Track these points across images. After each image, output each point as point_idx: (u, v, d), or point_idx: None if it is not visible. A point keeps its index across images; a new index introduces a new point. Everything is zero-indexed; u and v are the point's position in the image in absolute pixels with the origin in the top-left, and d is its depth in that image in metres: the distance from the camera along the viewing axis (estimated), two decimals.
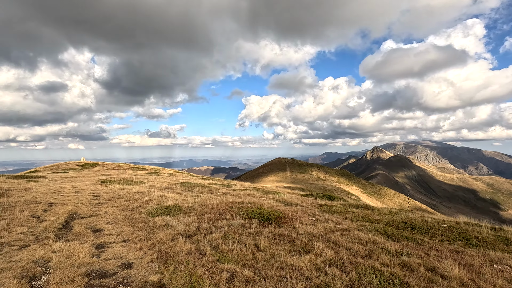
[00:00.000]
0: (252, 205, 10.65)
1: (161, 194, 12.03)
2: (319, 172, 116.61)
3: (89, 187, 14.76)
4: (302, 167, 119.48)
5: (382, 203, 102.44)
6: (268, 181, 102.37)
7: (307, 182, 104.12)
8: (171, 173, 35.59)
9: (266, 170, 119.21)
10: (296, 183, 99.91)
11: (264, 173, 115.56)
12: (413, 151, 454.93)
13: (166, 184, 17.34)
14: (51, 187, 14.04)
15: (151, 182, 18.39)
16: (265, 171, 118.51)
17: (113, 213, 8.54)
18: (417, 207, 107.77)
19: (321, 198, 19.42)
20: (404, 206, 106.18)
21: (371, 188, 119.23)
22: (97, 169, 36.98)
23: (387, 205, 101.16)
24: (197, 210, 9.28)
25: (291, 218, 8.89)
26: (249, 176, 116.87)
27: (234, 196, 14.16)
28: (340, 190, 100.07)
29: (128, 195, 11.88)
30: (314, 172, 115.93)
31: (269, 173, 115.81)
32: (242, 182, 34.02)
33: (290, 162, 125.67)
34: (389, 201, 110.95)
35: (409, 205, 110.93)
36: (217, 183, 22.79)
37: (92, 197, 11.17)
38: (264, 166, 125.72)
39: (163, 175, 29.78)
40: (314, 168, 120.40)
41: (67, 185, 15.36)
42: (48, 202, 9.47)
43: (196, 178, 28.18)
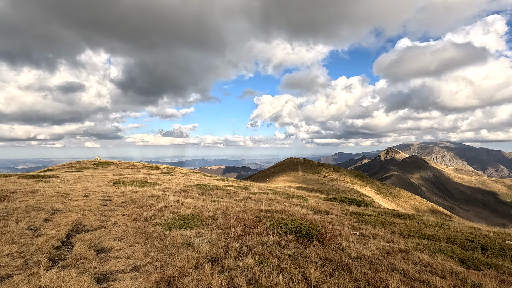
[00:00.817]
0: (281, 215, 9.13)
1: (177, 199, 10.67)
2: (331, 173, 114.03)
3: (101, 189, 13.61)
4: (314, 167, 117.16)
5: (397, 205, 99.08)
6: (280, 181, 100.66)
7: (319, 183, 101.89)
8: (185, 173, 34.53)
9: (278, 170, 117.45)
10: (309, 183, 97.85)
11: (276, 173, 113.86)
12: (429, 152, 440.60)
13: (181, 186, 16.04)
14: (61, 188, 12.97)
15: (165, 184, 17.14)
16: (277, 171, 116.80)
17: (124, 224, 7.19)
18: (433, 209, 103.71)
19: (347, 203, 17.73)
20: (420, 208, 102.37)
21: (385, 189, 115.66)
22: (111, 168, 36.36)
23: (401, 206, 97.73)
24: (220, 221, 7.84)
25: (333, 234, 7.32)
26: (261, 175, 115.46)
27: (256, 201, 12.67)
28: (354, 191, 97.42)
29: (141, 199, 10.59)
30: (327, 173, 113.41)
31: (281, 173, 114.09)
32: (258, 184, 32.47)
33: (302, 162, 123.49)
34: (404, 203, 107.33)
35: (425, 207, 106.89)
36: (233, 185, 21.39)
37: (102, 202, 9.92)
38: (276, 166, 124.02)
39: (176, 175, 28.68)
40: (327, 169, 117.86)
41: (78, 186, 14.29)
42: (52, 209, 8.25)
43: (210, 179, 26.91)
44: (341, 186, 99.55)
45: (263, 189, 19.88)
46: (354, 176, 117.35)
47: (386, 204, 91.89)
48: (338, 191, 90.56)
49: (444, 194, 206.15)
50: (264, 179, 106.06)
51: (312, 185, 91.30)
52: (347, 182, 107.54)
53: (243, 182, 27.22)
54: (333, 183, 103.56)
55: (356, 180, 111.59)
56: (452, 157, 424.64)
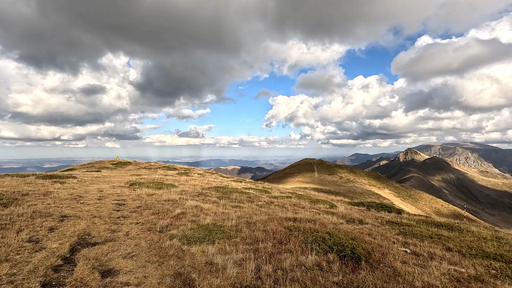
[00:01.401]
0: (313, 226, 7.91)
1: (195, 205, 9.67)
2: (348, 174, 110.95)
3: (116, 191, 12.89)
4: (331, 168, 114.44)
5: (417, 208, 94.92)
6: (295, 182, 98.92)
7: (336, 184, 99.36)
8: (201, 174, 33.85)
9: (293, 170, 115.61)
10: (325, 184, 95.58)
11: (292, 174, 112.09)
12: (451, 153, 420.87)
13: (199, 189, 15.12)
14: (76, 190, 12.35)
15: (182, 186, 16.29)
16: (292, 172, 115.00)
17: (136, 235, 6.23)
18: (456, 214, 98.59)
19: (376, 209, 16.21)
20: (442, 212, 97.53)
21: (405, 191, 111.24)
22: (129, 168, 36.28)
23: (422, 210, 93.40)
24: (246, 233, 6.74)
25: (380, 252, 6.03)
26: (276, 176, 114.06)
27: (280, 207, 11.49)
28: (371, 193, 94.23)
29: (157, 204, 9.68)
30: (343, 174, 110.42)
31: (296, 173, 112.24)
32: (276, 185, 31.22)
33: (318, 163, 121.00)
34: (425, 206, 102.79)
35: (447, 211, 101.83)
36: (252, 187, 20.30)
37: (115, 207, 9.08)
38: (291, 167, 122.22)
39: (193, 176, 27.97)
40: (343, 170, 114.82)
41: (93, 187, 13.67)
42: (61, 215, 7.45)
43: (227, 180, 25.97)
44: (358, 188, 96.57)
45: (283, 192, 18.66)
46: (372, 178, 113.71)
47: (406, 207, 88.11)
48: (356, 193, 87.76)
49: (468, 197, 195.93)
50: (280, 180, 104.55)
51: (329, 187, 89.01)
52: (364, 184, 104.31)
53: (261, 184, 26.10)
54: (350, 184, 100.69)
55: (374, 182, 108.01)
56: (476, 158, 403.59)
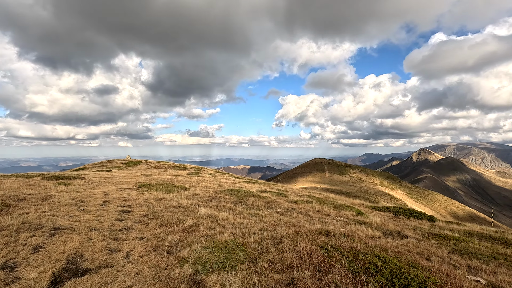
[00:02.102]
0: (351, 243, 6.45)
1: (209, 213, 8.35)
2: (359, 174, 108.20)
3: (123, 194, 11.74)
4: (341, 168, 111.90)
5: (432, 209, 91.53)
6: (305, 181, 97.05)
7: (347, 184, 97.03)
8: (212, 174, 32.70)
9: (304, 170, 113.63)
10: (335, 185, 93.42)
11: (302, 174, 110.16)
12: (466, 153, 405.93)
13: (211, 192, 13.83)
14: (79, 193, 11.26)
15: (193, 188, 15.04)
16: (302, 172, 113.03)
17: (139, 257, 4.93)
18: (473, 215, 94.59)
19: (405, 216, 14.57)
20: (457, 214, 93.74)
21: (418, 192, 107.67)
22: (140, 168, 35.49)
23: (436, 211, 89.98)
24: (273, 255, 5.36)
25: (450, 285, 4.56)
26: (286, 176, 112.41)
27: (304, 215, 10.05)
28: (384, 194, 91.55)
29: (166, 212, 8.41)
30: (354, 174, 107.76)
31: (306, 173, 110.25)
32: (292, 186, 29.71)
33: (329, 162, 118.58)
34: (439, 207, 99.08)
35: (463, 213, 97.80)
36: (267, 189, 18.90)
37: (118, 215, 7.85)
38: (301, 167, 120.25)
39: (204, 176, 26.79)
40: (354, 170, 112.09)
41: (99, 190, 12.58)
42: (54, 227, 6.25)
43: (239, 181, 24.65)
44: (370, 188, 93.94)
45: (301, 196, 17.18)
46: (384, 178, 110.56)
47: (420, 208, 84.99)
48: (367, 193, 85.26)
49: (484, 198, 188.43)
50: (290, 180, 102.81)
51: (339, 187, 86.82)
52: (376, 184, 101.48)
53: (274, 185, 24.67)
54: (362, 185, 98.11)
55: (386, 182, 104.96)
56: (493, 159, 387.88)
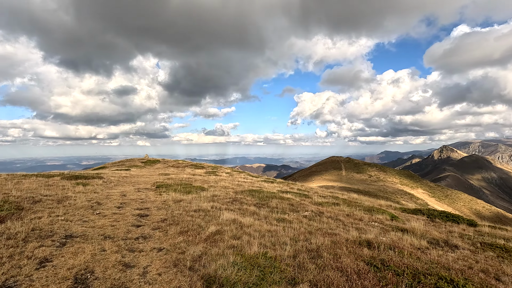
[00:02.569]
0: (400, 258, 5.41)
1: (232, 218, 7.52)
2: (378, 172, 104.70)
3: (140, 195, 11.18)
4: (359, 167, 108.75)
5: (455, 209, 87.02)
6: (322, 180, 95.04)
7: (365, 183, 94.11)
8: (229, 172, 32.09)
9: (320, 169, 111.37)
10: (353, 183, 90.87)
11: (318, 172, 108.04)
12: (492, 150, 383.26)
13: (231, 193, 13.04)
14: (97, 194, 10.80)
15: (212, 189, 14.32)
16: (318, 170, 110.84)
17: (158, 276, 4.15)
18: (500, 216, 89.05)
19: (441, 219, 13.18)
20: (483, 214, 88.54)
21: (441, 191, 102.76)
22: (158, 166, 35.49)
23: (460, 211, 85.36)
24: (314, 273, 4.43)
25: None
26: (302, 174, 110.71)
27: (334, 220, 9.03)
28: (403, 193, 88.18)
29: (185, 216, 7.67)
30: (373, 172, 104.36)
31: (323, 172, 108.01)
32: (312, 186, 28.58)
33: (346, 161, 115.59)
34: (463, 207, 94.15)
35: (489, 213, 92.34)
36: (288, 189, 17.93)
37: (135, 220, 7.18)
38: (317, 165, 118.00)
39: (221, 175, 26.17)
40: (373, 168, 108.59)
41: (117, 191, 12.10)
42: (65, 235, 5.64)
43: (258, 181, 23.82)
44: (389, 187, 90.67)
45: (325, 197, 16.08)
46: (403, 177, 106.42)
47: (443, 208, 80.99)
48: (386, 192, 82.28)
49: None
50: (306, 178, 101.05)
51: (357, 185, 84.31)
52: (395, 183, 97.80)
53: (294, 185, 23.65)
54: (380, 183, 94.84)
55: (406, 181, 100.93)
56: None
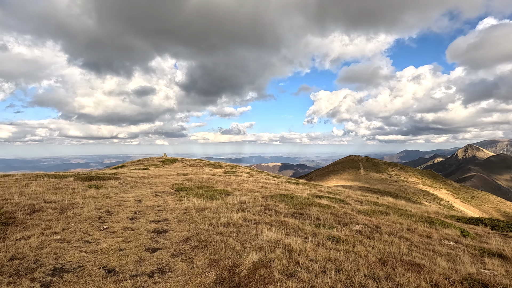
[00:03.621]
0: None
1: (275, 239, 5.64)
2: (398, 172, 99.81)
3: (158, 201, 9.55)
4: (378, 166, 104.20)
5: (482, 211, 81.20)
6: (340, 179, 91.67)
7: (384, 183, 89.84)
8: (248, 172, 30.31)
9: (337, 168, 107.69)
10: (372, 183, 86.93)
11: (335, 171, 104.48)
12: None
13: (260, 199, 11.17)
14: (109, 200, 9.27)
15: (237, 193, 12.49)
16: (336, 169, 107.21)
17: None
18: None
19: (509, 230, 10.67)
20: None
21: (466, 192, 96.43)
22: (176, 166, 34.30)
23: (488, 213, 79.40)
24: None
25: None
26: (319, 173, 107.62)
27: (399, 238, 6.93)
28: (426, 194, 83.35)
29: (213, 235, 5.87)
30: (393, 172, 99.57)
31: (340, 171, 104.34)
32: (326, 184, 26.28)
33: (364, 160, 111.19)
34: (491, 209, 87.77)
35: None
36: (318, 193, 15.86)
37: (150, 241, 5.45)
38: (334, 164, 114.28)
39: (242, 176, 24.41)
40: (393, 167, 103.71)
41: (132, 195, 10.56)
42: (53, 268, 3.97)
43: (280, 181, 21.84)
44: (410, 188, 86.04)
45: (363, 202, 13.88)
46: (426, 177, 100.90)
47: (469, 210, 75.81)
48: (408, 192, 78.02)
49: None
50: (323, 177, 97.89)
51: (376, 185, 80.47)
52: (417, 183, 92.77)
53: (319, 186, 21.51)
54: (401, 183, 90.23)
55: (429, 181, 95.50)
56: None
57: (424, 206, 16.28)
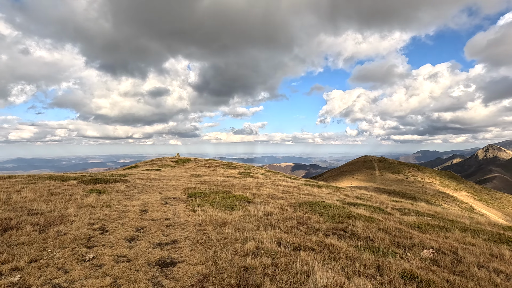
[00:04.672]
0: None
1: (334, 283, 3.76)
2: (415, 173, 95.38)
3: (167, 211, 7.82)
4: (394, 167, 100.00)
5: (506, 214, 75.94)
6: (354, 180, 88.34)
7: (401, 184, 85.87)
8: (263, 173, 28.40)
9: (351, 168, 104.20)
10: (388, 184, 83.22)
11: (349, 172, 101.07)
12: None
13: (288, 208, 9.24)
14: (109, 209, 7.62)
15: (259, 200, 10.61)
16: (350, 170, 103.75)
17: None
18: None
19: None
20: None
21: (488, 194, 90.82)
22: (189, 166, 32.85)
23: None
24: None
25: None
26: (332, 174, 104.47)
27: (499, 274, 4.91)
28: (445, 195, 78.91)
29: (242, 273, 4.05)
30: (410, 173, 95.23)
31: (354, 171, 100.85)
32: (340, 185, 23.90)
33: (379, 160, 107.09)
34: None
35: None
36: (349, 199, 13.75)
37: (152, 279, 3.70)
38: (348, 164, 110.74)
39: (258, 177, 22.53)
40: (409, 168, 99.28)
41: (138, 203, 8.91)
42: None
43: (299, 184, 19.80)
44: (428, 189, 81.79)
45: (401, 210, 11.67)
46: (445, 178, 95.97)
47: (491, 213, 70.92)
48: (426, 194, 74.02)
49: None
50: (337, 178, 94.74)
51: (393, 187, 76.81)
52: (436, 185, 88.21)
53: (343, 190, 19.34)
54: (418, 185, 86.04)
55: (448, 183, 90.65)
56: None
57: (478, 216, 13.85)
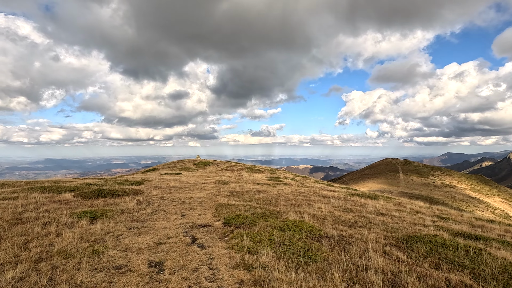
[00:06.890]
0: None
1: None
2: (443, 176, 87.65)
3: (199, 267, 4.25)
4: (419, 170, 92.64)
5: None
6: (376, 183, 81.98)
7: (427, 188, 78.78)
8: (293, 178, 24.44)
9: (373, 171, 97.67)
10: (413, 188, 76.42)
11: (371, 175, 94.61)
12: None
13: (409, 262, 5.42)
14: (96, 260, 4.17)
15: (332, 231, 6.80)
16: (371, 173, 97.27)
17: None
18: None
19: None
20: None
21: None
22: (211, 169, 29.47)
23: None
24: None
25: None
26: (353, 177, 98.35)
27: None
28: (476, 201, 71.17)
29: None
30: (437, 176, 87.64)
31: (377, 174, 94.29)
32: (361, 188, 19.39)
33: (403, 163, 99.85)
34: None
35: None
36: (462, 229, 9.60)
37: None
38: (370, 167, 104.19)
39: (291, 184, 18.63)
40: (436, 171, 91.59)
41: (148, 239, 5.30)
42: None
43: (349, 194, 15.71)
44: (457, 194, 74.32)
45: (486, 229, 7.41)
46: (476, 182, 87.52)
47: None
48: (455, 199, 66.79)
49: None
50: (358, 181, 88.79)
51: (419, 191, 70.10)
52: (465, 189, 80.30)
53: (397, 200, 15.06)
54: (447, 189, 78.55)
55: (479, 187, 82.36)
56: None
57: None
